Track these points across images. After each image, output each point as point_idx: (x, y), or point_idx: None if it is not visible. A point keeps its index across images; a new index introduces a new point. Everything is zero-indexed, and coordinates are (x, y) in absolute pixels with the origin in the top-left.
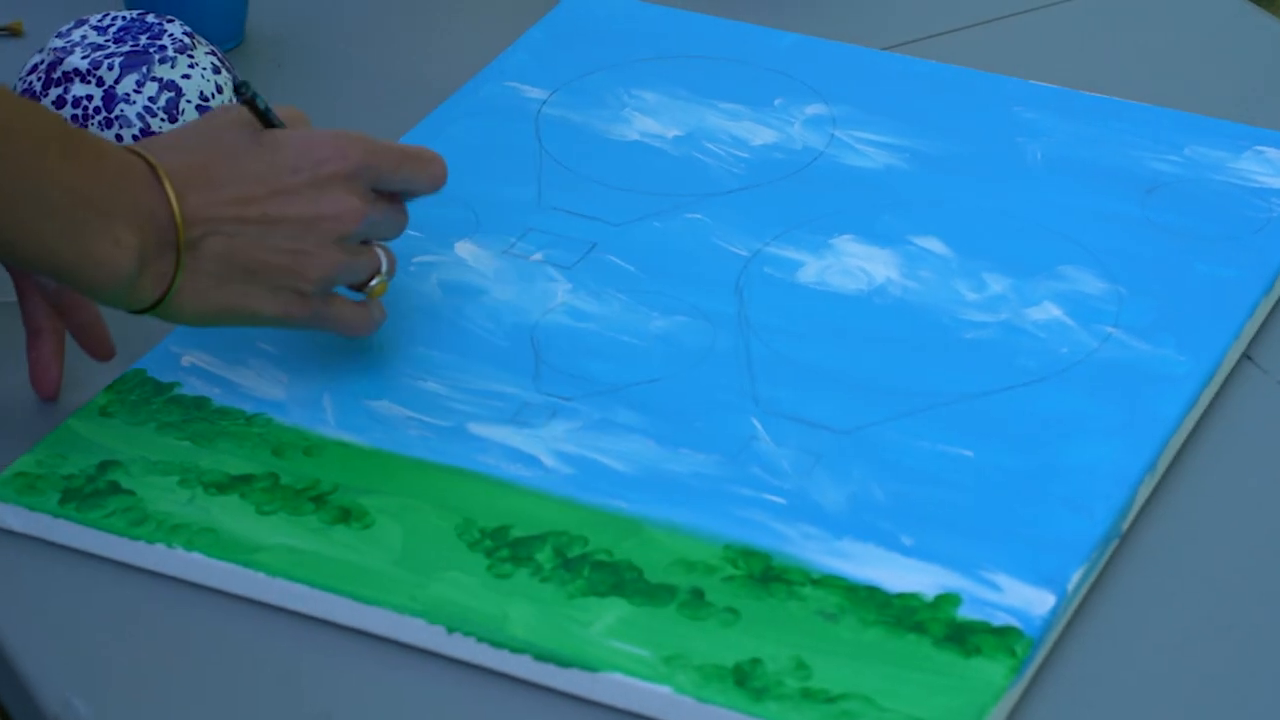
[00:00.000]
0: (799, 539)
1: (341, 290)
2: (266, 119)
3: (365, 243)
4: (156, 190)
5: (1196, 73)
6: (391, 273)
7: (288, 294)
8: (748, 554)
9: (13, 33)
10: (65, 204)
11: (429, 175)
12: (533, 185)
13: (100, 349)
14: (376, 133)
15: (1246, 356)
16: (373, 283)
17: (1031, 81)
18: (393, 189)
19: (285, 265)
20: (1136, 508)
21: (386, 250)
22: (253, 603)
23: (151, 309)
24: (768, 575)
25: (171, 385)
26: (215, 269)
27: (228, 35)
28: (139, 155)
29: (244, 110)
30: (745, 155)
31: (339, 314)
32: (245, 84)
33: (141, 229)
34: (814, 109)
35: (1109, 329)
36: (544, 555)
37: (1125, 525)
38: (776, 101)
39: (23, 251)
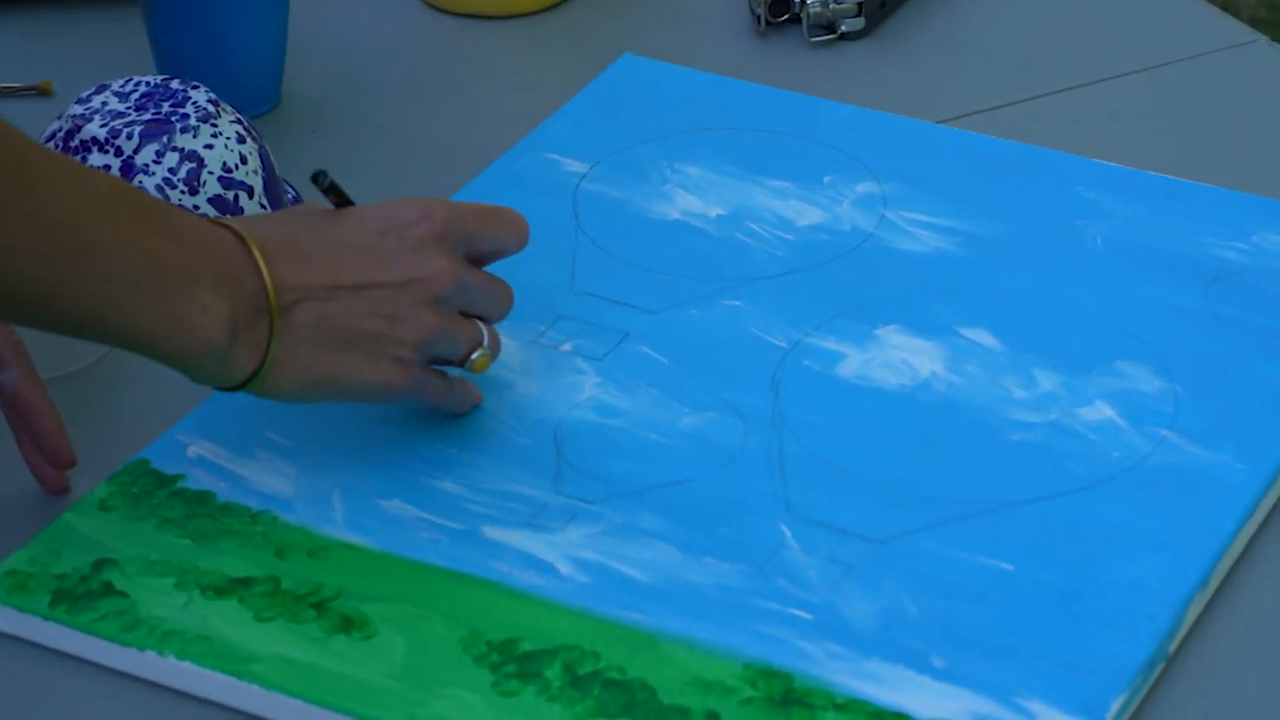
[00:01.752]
0: (824, 658)
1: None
2: (347, 202)
3: (466, 316)
4: (244, 257)
5: (1266, 150)
6: (495, 350)
7: (388, 361)
8: (768, 674)
9: (42, 92)
10: (145, 272)
11: (515, 232)
12: (567, 267)
13: (58, 457)
14: None
15: None
16: (474, 356)
17: (1094, 160)
18: (482, 249)
19: (381, 330)
20: (1185, 628)
21: (490, 328)
22: (246, 714)
23: (249, 382)
24: (788, 698)
25: (176, 478)
26: (310, 336)
27: (263, 99)
28: (222, 225)
29: (317, 204)
30: (790, 237)
31: (440, 387)
32: (323, 173)
33: (231, 296)
34: (865, 187)
35: (1164, 432)
36: (553, 671)
37: (1173, 647)
38: (826, 179)
39: (105, 325)
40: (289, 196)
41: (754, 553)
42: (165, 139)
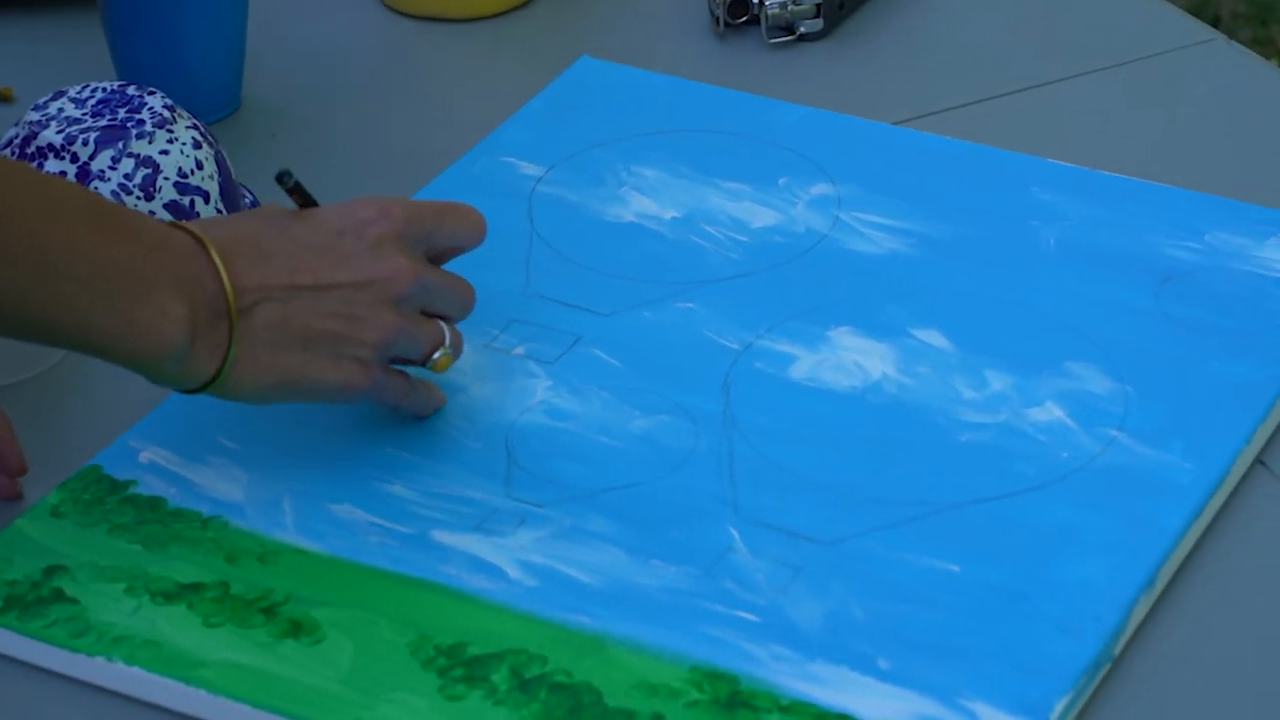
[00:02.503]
0: (770, 660)
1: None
2: (311, 203)
3: (428, 315)
4: (202, 259)
5: (1223, 149)
6: (457, 350)
7: (348, 362)
8: (714, 677)
9: (3, 99)
10: (100, 275)
11: (471, 226)
12: (521, 272)
13: (8, 465)
14: None
15: (1260, 462)
16: (435, 355)
17: (1048, 160)
18: (441, 245)
19: (341, 330)
20: (1131, 629)
21: (452, 326)
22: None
23: (209, 385)
24: (734, 701)
25: (127, 484)
26: (270, 337)
27: (222, 104)
28: (180, 228)
29: (277, 205)
30: (744, 239)
31: (402, 388)
32: (287, 174)
33: (190, 299)
34: (819, 189)
35: (1113, 432)
36: (500, 675)
37: (1118, 648)
38: (781, 180)
39: (64, 329)
40: (246, 201)
41: (702, 555)
42: (121, 145)
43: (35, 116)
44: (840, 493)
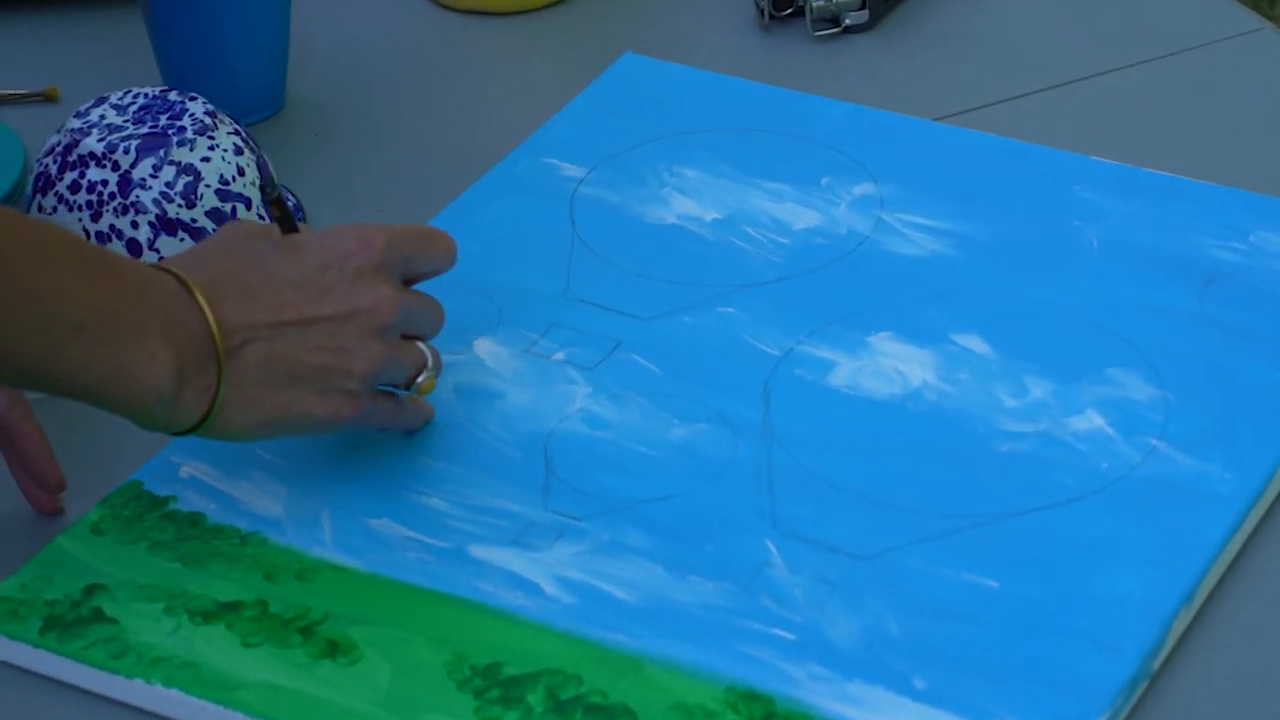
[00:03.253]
0: (806, 680)
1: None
2: (289, 219)
3: (408, 339)
4: (188, 303)
5: (1271, 142)
6: (438, 368)
7: (336, 394)
8: (750, 697)
9: (47, 98)
10: (88, 320)
11: (445, 251)
12: (561, 275)
13: (46, 481)
14: (414, 208)
15: None
16: (420, 379)
17: (1092, 157)
18: (419, 271)
19: (328, 364)
20: (1170, 645)
21: (430, 347)
22: None
23: (198, 427)
24: None
25: (167, 499)
26: (259, 376)
27: (266, 103)
28: (166, 270)
29: (255, 222)
30: (785, 241)
31: (390, 410)
32: (271, 183)
33: (177, 343)
34: (862, 188)
35: (1153, 441)
36: (535, 697)
37: (1156, 664)
38: (824, 180)
39: (51, 375)
40: (290, 203)
41: (739, 570)
42: (162, 153)
43: (77, 124)
44: (878, 504)
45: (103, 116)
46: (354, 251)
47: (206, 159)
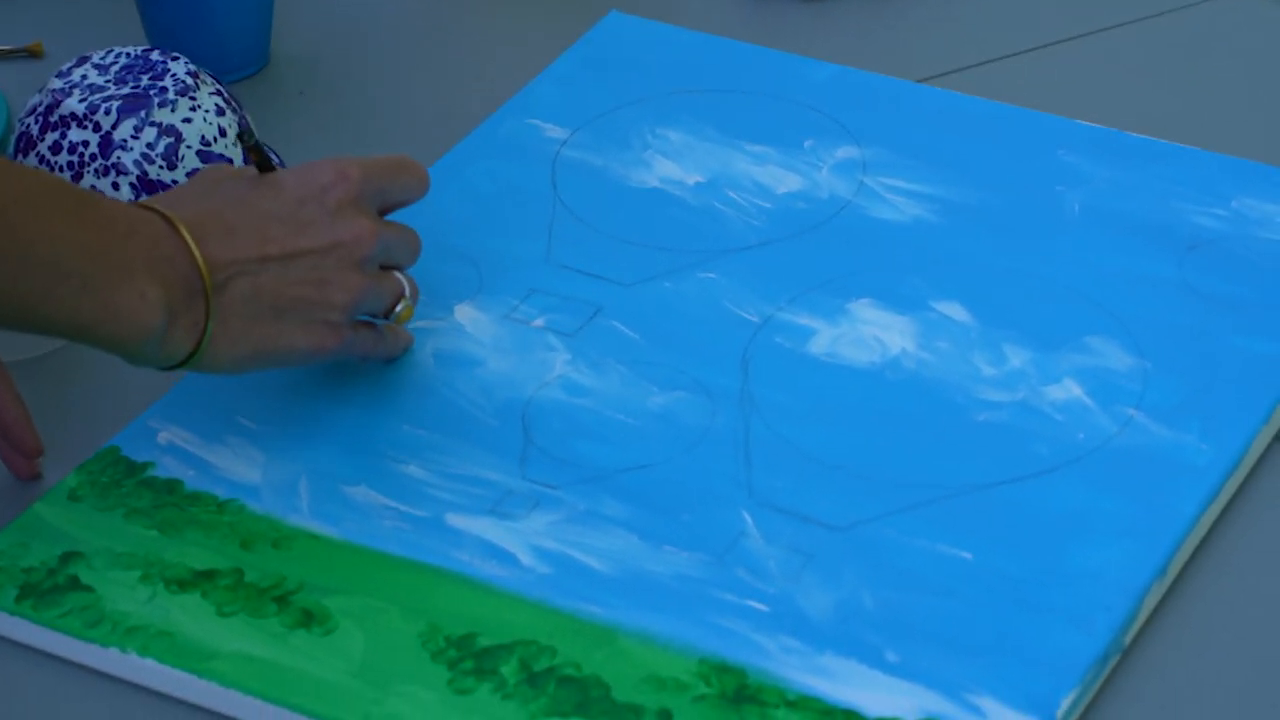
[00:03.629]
0: (779, 653)
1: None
2: (267, 164)
3: (385, 269)
4: (175, 241)
5: (1255, 106)
6: (415, 296)
7: (319, 326)
8: (722, 670)
9: (32, 54)
10: (79, 264)
11: (418, 180)
12: (543, 239)
13: (24, 446)
14: None
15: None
16: (398, 308)
17: (1076, 121)
18: (394, 200)
19: (311, 296)
20: (1142, 618)
21: (407, 276)
22: (208, 711)
23: (186, 361)
24: (741, 695)
25: (145, 465)
26: (245, 310)
27: (251, 60)
28: (151, 209)
29: (234, 166)
30: (767, 205)
31: (371, 339)
32: (248, 132)
33: (165, 280)
34: (845, 152)
35: (1130, 411)
36: (509, 668)
37: (1128, 639)
38: (806, 143)
39: (44, 318)
40: (256, 136)
41: (714, 541)
42: (143, 114)
43: (58, 84)
44: (855, 475)
45: (84, 76)
46: (331, 185)
47: (188, 120)
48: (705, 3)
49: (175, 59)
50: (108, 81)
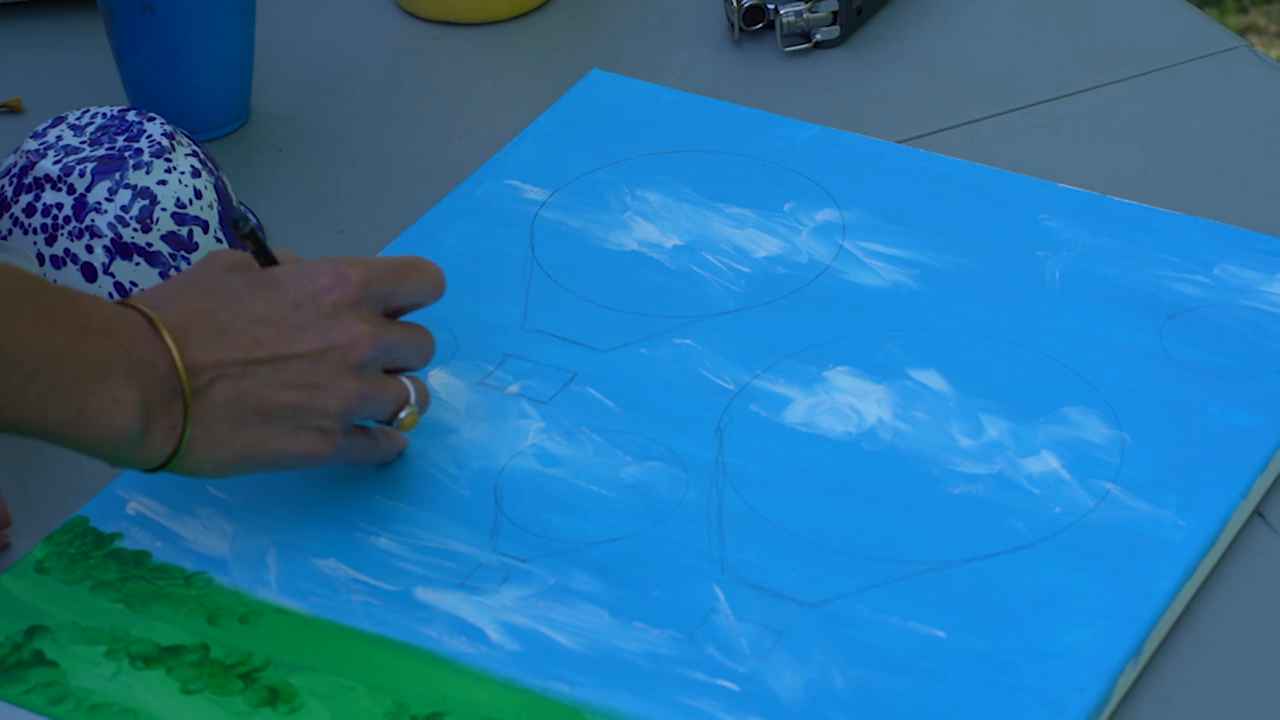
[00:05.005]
0: None
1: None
2: (264, 252)
3: (391, 373)
4: (154, 341)
5: (1242, 166)
6: (425, 402)
7: (310, 432)
8: None
9: (11, 110)
10: (46, 363)
11: (431, 283)
12: (519, 304)
13: None
14: (376, 227)
15: (1258, 514)
16: (402, 415)
17: (1057, 184)
18: (401, 304)
19: (300, 402)
20: (1116, 699)
21: (416, 380)
22: None
23: (167, 464)
24: None
25: (113, 537)
26: (228, 414)
27: (230, 117)
28: (133, 308)
29: (234, 253)
30: (746, 269)
31: (366, 447)
32: (243, 219)
33: (142, 383)
34: (825, 214)
35: (1108, 485)
36: None
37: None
38: (787, 206)
39: (11, 419)
40: (251, 224)
41: (685, 617)
42: (118, 176)
43: (33, 145)
44: (828, 549)
45: (59, 137)
46: (329, 287)
47: (163, 182)
48: (689, 54)
49: (151, 119)
50: (83, 143)
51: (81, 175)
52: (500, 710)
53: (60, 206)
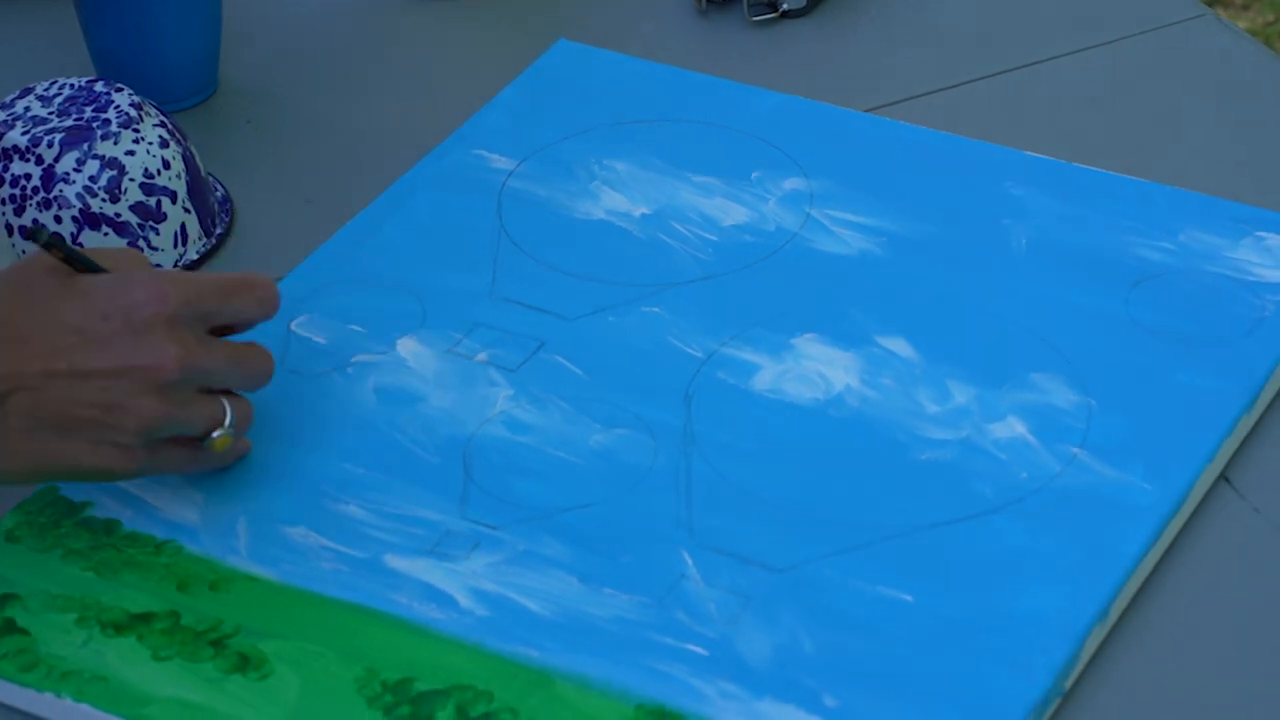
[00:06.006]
0: (716, 698)
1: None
2: (76, 259)
3: (212, 391)
4: None
5: (1209, 134)
6: (242, 425)
7: (108, 448)
8: (660, 715)
9: None
10: None
11: (258, 300)
12: (487, 273)
13: None
14: (344, 197)
15: (1224, 478)
16: (213, 435)
17: (1023, 152)
18: (230, 323)
19: (97, 419)
20: (1083, 662)
21: (239, 401)
22: None
23: None
24: None
25: (84, 505)
26: (23, 424)
27: (198, 88)
28: None
29: (57, 261)
30: (713, 238)
31: (177, 460)
32: (42, 230)
33: None
34: (792, 183)
35: (1074, 450)
36: (445, 714)
37: (1069, 683)
38: (754, 174)
39: None
40: (218, 194)
41: (654, 583)
42: (86, 146)
43: (1, 116)
44: (796, 514)
45: (28, 108)
46: (142, 303)
47: (131, 152)
48: (657, 24)
49: (119, 90)
50: (51, 113)
51: (50, 146)
52: (470, 675)
53: (28, 177)
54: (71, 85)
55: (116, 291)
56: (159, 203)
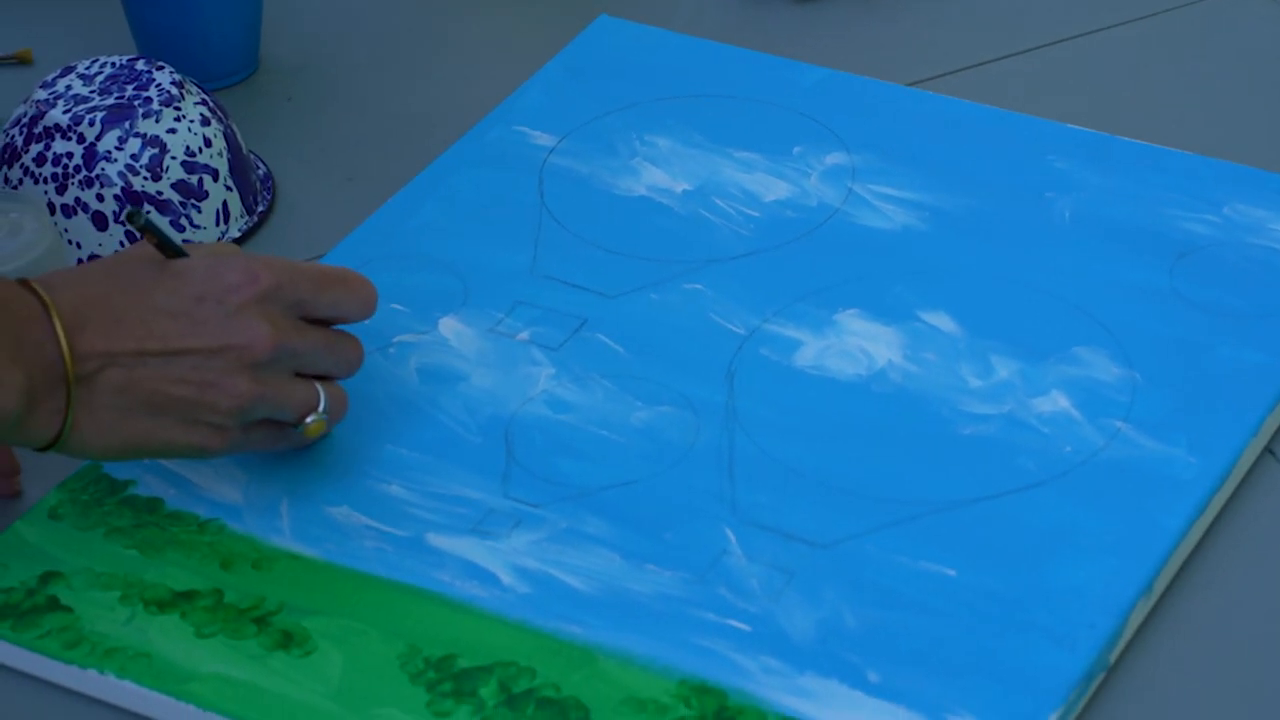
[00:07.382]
0: (759, 674)
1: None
2: (168, 244)
3: (305, 377)
4: (44, 325)
5: (1254, 107)
6: (336, 412)
7: (201, 426)
8: (702, 691)
9: (21, 60)
10: None
11: (358, 300)
12: (528, 250)
13: (3, 463)
14: (385, 176)
15: (1269, 451)
16: (307, 420)
17: (1067, 125)
18: (319, 314)
19: (190, 397)
20: (1128, 636)
21: (334, 388)
22: None
23: (52, 446)
24: (721, 717)
25: (126, 484)
26: (116, 402)
27: (239, 67)
28: (31, 290)
29: (152, 249)
30: (755, 214)
31: (267, 439)
32: (137, 212)
33: (28, 364)
34: (834, 158)
35: (1118, 424)
36: (488, 690)
37: (1113, 656)
38: (796, 149)
39: None
40: (259, 172)
41: (697, 559)
42: (127, 125)
43: (43, 95)
44: (839, 491)
45: (69, 87)
46: (237, 285)
47: (173, 130)
48: (697, 3)
49: (160, 68)
50: (92, 92)
51: (91, 124)
52: (512, 652)
53: (70, 156)
54: (113, 64)
55: (210, 274)
56: (201, 181)
